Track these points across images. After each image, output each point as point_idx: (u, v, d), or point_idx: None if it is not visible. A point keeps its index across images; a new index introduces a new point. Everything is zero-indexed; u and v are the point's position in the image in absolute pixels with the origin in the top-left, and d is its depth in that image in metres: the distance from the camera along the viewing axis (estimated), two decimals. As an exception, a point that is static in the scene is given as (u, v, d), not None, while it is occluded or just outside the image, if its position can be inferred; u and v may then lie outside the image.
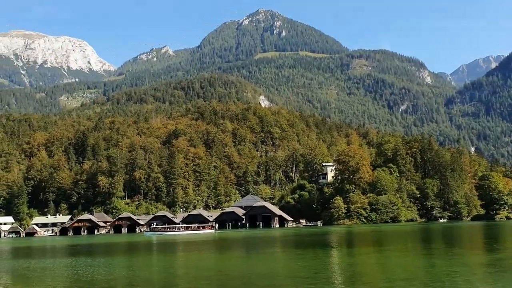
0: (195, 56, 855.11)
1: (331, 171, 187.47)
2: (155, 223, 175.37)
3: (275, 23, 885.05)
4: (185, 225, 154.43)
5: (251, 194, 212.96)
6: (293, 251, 58.26)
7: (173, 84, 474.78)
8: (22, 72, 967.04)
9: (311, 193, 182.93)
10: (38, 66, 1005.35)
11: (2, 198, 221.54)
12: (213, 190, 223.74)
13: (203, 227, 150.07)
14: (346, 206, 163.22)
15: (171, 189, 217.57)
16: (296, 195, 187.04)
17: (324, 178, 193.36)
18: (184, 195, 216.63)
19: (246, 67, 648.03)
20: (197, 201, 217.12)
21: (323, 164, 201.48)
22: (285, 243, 78.29)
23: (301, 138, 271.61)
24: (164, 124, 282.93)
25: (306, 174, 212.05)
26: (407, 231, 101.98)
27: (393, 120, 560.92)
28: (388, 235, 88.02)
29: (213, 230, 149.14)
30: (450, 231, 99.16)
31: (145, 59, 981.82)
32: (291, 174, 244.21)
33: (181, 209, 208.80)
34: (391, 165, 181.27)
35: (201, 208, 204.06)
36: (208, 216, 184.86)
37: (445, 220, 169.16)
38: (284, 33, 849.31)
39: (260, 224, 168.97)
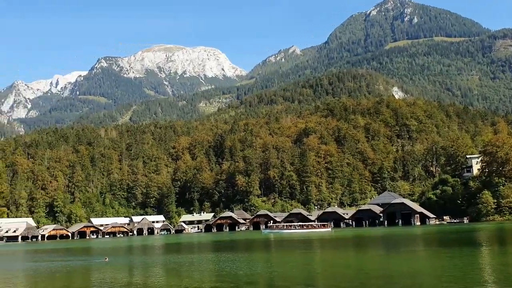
0: (322, 52, 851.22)
1: (476, 164, 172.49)
2: (270, 221, 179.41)
3: (406, 10, 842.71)
4: (300, 223, 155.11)
5: (388, 190, 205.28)
6: (437, 249, 54.74)
7: (301, 83, 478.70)
8: (165, 83, 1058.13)
9: (455, 188, 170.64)
10: (178, 77, 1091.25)
11: (154, 198, 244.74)
12: (347, 188, 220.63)
13: (319, 226, 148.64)
14: (495, 201, 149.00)
15: (304, 187, 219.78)
16: (438, 191, 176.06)
17: (469, 171, 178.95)
18: (318, 193, 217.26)
19: (376, 58, 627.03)
20: (331, 198, 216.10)
21: (467, 156, 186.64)
22: (428, 241, 73.99)
23: (441, 129, 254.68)
24: (294, 123, 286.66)
25: (448, 167, 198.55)
26: None
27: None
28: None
29: (329, 229, 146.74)
30: None
31: (274, 60, 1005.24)
32: (431, 168, 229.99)
33: (316, 207, 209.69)
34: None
35: (336, 206, 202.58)
36: (344, 214, 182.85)
37: None
38: (415, 20, 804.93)
39: (400, 222, 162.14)
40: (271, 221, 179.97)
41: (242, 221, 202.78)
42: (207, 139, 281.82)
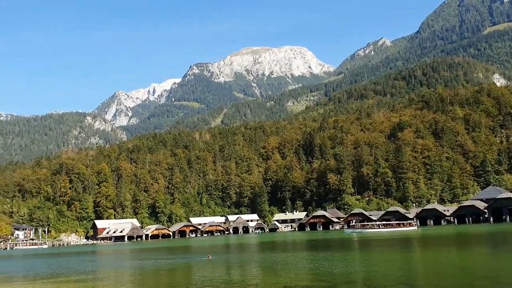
0: (414, 42, 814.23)
1: None
2: (353, 220, 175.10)
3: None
4: (383, 222, 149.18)
5: (493, 185, 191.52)
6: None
7: (393, 75, 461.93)
8: (253, 84, 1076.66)
9: None
10: (266, 78, 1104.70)
11: (247, 197, 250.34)
12: (447, 183, 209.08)
13: (403, 224, 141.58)
14: None
15: (401, 184, 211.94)
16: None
17: None
18: (416, 190, 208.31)
19: (473, 45, 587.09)
20: (430, 195, 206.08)
21: None
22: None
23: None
24: (387, 117, 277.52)
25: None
26: None
27: None
28: None
29: (415, 227, 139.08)
30: None
31: (362, 54, 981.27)
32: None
33: (414, 204, 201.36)
34: None
35: (435, 203, 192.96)
36: (444, 211, 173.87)
37: None
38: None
39: (507, 218, 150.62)
40: (354, 220, 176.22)
41: (335, 220, 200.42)
42: (296, 138, 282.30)
